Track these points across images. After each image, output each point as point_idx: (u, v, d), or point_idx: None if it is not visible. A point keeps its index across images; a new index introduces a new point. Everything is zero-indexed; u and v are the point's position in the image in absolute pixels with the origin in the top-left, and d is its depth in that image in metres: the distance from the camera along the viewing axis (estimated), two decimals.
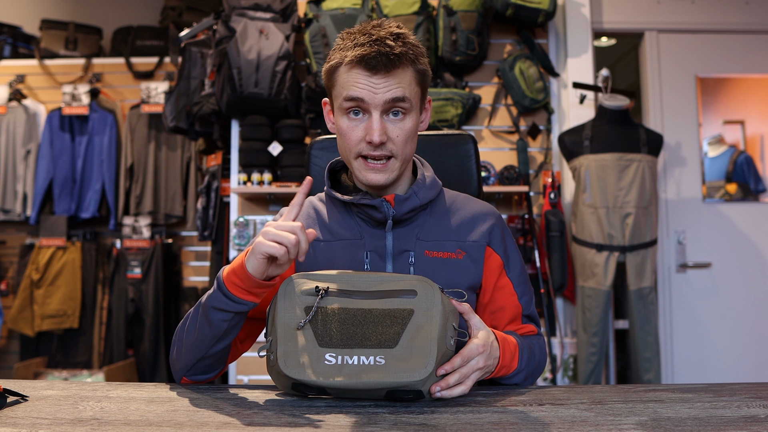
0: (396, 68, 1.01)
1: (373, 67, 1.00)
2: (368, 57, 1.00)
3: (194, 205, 3.64)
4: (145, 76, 3.86)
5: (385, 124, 1.03)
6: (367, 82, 1.01)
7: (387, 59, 1.00)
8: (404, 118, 1.04)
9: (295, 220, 0.92)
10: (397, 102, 1.02)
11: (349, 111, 1.04)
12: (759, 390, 0.92)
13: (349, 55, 1.01)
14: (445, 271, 1.08)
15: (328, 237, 1.12)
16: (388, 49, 1.00)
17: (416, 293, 0.89)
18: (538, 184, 2.92)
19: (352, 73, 1.02)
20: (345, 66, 1.03)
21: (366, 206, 1.08)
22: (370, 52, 1.00)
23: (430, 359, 0.85)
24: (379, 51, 0.99)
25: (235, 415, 0.81)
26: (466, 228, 1.13)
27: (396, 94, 1.01)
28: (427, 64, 1.08)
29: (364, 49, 1.00)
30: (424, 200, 1.10)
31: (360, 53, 1.00)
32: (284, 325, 0.88)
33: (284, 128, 2.76)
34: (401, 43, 1.02)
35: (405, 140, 1.05)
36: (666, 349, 2.99)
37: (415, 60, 1.04)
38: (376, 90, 1.01)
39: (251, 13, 2.78)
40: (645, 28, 3.15)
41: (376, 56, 0.99)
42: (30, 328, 3.57)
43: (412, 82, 1.04)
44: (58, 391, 0.94)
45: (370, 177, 1.06)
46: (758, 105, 3.19)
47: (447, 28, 2.75)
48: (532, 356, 1.08)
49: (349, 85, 1.02)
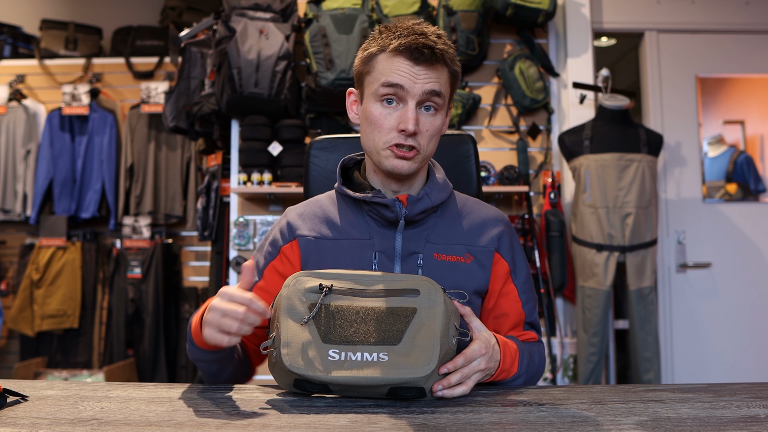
0: (437, 63, 1.03)
1: (417, 57, 1.01)
2: (414, 47, 1.01)
3: (194, 205, 3.64)
4: (145, 76, 3.86)
5: (418, 115, 1.04)
6: (409, 70, 1.02)
7: (431, 52, 1.01)
8: (436, 114, 1.06)
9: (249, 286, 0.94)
10: (433, 96, 1.03)
11: (383, 98, 1.04)
12: (759, 390, 0.92)
13: (393, 44, 1.03)
14: (453, 274, 1.08)
15: (336, 235, 1.11)
16: (433, 44, 1.02)
17: (419, 292, 0.91)
18: (538, 184, 2.92)
19: (395, 60, 1.03)
20: (387, 53, 1.04)
21: (378, 204, 1.08)
22: (416, 43, 1.01)
23: (432, 356, 0.85)
24: (424, 43, 1.01)
25: (235, 415, 0.81)
26: (476, 232, 1.13)
27: (435, 87, 1.03)
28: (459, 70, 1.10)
29: (410, 39, 1.02)
30: (436, 202, 1.10)
31: (406, 42, 1.02)
32: (288, 321, 0.89)
33: (284, 128, 2.76)
34: (443, 42, 1.04)
35: (431, 136, 1.06)
36: (666, 349, 2.99)
37: (452, 61, 1.06)
38: (416, 79, 1.02)
39: (251, 13, 2.78)
40: (645, 28, 3.15)
41: (422, 47, 1.01)
42: (30, 328, 3.57)
43: (447, 81, 1.06)
44: (58, 391, 0.94)
45: (396, 163, 1.05)
46: (758, 105, 3.19)
47: (447, 28, 2.75)
48: (531, 362, 1.09)
49: (389, 71, 1.03)
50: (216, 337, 0.89)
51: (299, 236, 1.12)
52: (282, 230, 1.15)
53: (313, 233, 1.12)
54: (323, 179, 1.37)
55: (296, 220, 1.14)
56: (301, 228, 1.13)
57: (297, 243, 1.12)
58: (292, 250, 1.12)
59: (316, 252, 1.10)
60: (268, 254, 1.15)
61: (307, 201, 1.20)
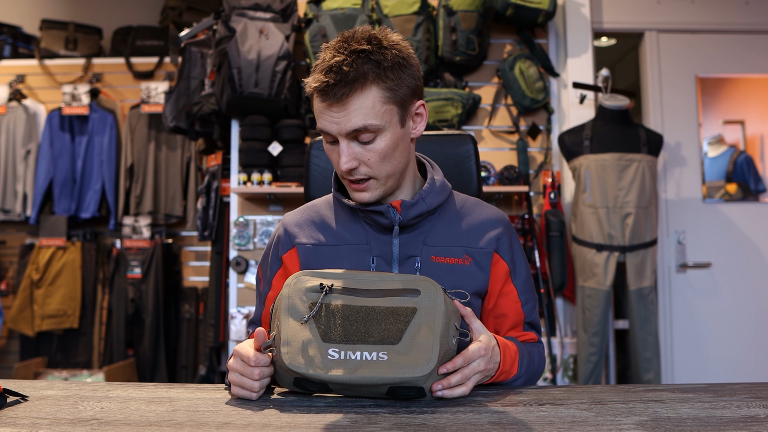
0: (351, 95, 0.96)
1: (328, 98, 0.97)
2: (322, 89, 0.97)
3: (194, 205, 3.64)
4: (145, 76, 3.86)
5: (353, 149, 1.01)
6: (327, 114, 0.99)
7: (339, 89, 0.96)
8: (374, 140, 1.00)
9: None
10: (359, 132, 0.99)
11: (324, 136, 1.05)
12: (759, 390, 0.92)
13: (311, 83, 0.99)
14: (451, 276, 1.08)
15: (334, 241, 1.11)
16: (341, 76, 0.95)
17: (419, 292, 0.91)
18: (538, 184, 2.92)
19: (316, 102, 1.01)
20: (311, 93, 1.01)
21: (372, 212, 1.08)
22: (324, 83, 0.96)
23: (432, 356, 0.86)
24: (331, 80, 0.96)
25: (235, 415, 0.81)
26: (475, 234, 1.12)
27: (355, 125, 0.98)
28: (408, 71, 1.02)
29: (320, 77, 0.97)
30: (432, 206, 1.09)
31: (315, 83, 0.98)
32: (288, 320, 0.89)
33: (284, 128, 2.76)
34: (363, 60, 0.97)
35: (379, 161, 1.02)
36: (666, 349, 2.99)
37: (379, 78, 0.97)
38: (335, 121, 0.99)
39: (251, 13, 2.78)
40: (645, 28, 3.15)
41: (326, 88, 0.96)
42: (30, 328, 3.57)
43: (376, 103, 0.98)
44: (58, 391, 0.94)
45: (355, 196, 1.07)
46: (758, 105, 3.19)
47: (447, 28, 2.75)
48: (531, 363, 1.09)
49: (317, 115, 1.02)
50: (243, 394, 0.92)
51: (297, 244, 1.13)
52: (280, 238, 1.16)
53: (311, 240, 1.13)
54: (324, 179, 1.37)
55: (293, 229, 1.15)
56: (299, 236, 1.14)
57: (296, 251, 1.13)
58: (292, 259, 1.13)
59: (315, 259, 1.11)
60: (272, 264, 1.16)
61: (304, 207, 1.20)
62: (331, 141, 1.03)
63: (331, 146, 1.04)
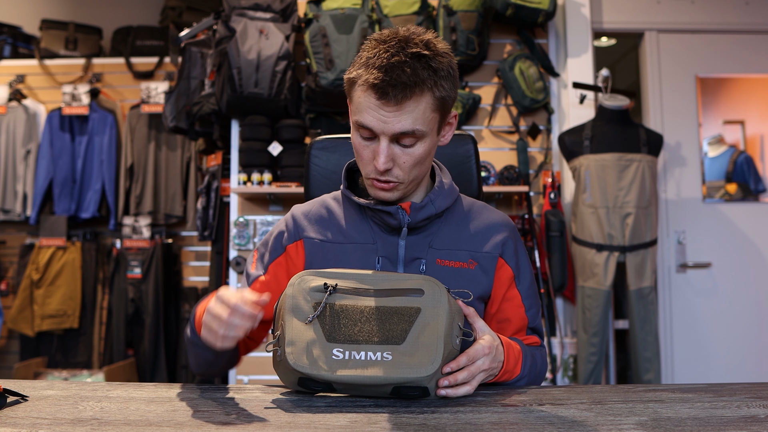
0: (409, 98, 0.96)
1: (384, 97, 0.95)
2: (380, 86, 0.95)
3: (194, 205, 3.64)
4: (145, 76, 3.86)
5: (393, 150, 1.00)
6: (377, 111, 0.97)
7: (400, 90, 0.94)
8: (415, 145, 1.01)
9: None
10: (405, 135, 0.99)
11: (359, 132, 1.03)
12: (759, 390, 0.92)
13: (364, 76, 0.97)
14: (455, 280, 1.08)
15: (341, 239, 1.11)
16: (405, 78, 0.94)
17: (423, 292, 0.91)
18: (538, 184, 2.92)
19: (366, 97, 0.98)
20: (361, 85, 0.98)
21: (381, 212, 1.08)
22: (383, 80, 0.94)
23: (436, 356, 0.86)
24: (392, 80, 0.94)
25: (235, 415, 0.81)
26: (480, 238, 1.12)
27: (405, 127, 0.97)
28: (453, 83, 1.02)
29: (379, 74, 0.95)
30: (440, 209, 1.09)
31: (374, 79, 0.95)
32: (292, 320, 0.89)
33: (284, 128, 2.76)
34: (423, 66, 0.96)
35: (413, 166, 1.02)
36: (666, 349, 2.99)
37: (435, 85, 0.97)
38: (385, 120, 0.97)
39: (251, 13, 2.78)
40: (645, 28, 3.15)
41: (388, 86, 0.94)
42: (30, 328, 3.57)
43: (427, 109, 0.98)
44: (58, 391, 0.94)
45: (378, 194, 1.06)
46: (758, 105, 3.19)
47: (447, 28, 2.75)
48: (534, 364, 1.09)
49: (361, 109, 0.99)
50: (208, 339, 0.92)
51: (305, 237, 1.12)
52: (288, 227, 1.15)
53: (319, 236, 1.12)
54: (324, 179, 1.37)
55: (302, 220, 1.14)
56: (308, 229, 1.13)
57: (302, 244, 1.12)
58: (297, 251, 1.12)
59: (321, 255, 1.10)
60: (273, 250, 1.14)
61: (313, 201, 1.19)
62: (368, 137, 1.01)
63: (366, 142, 1.02)
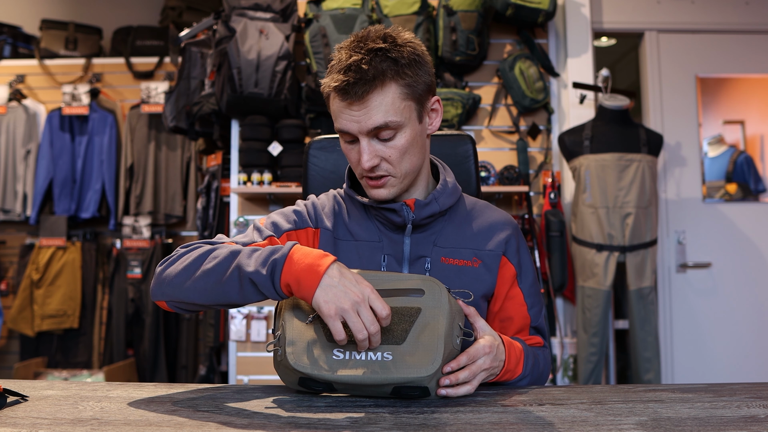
0: (370, 93, 0.97)
1: (348, 97, 0.97)
2: (341, 87, 0.97)
3: (194, 205, 3.64)
4: (145, 76, 3.86)
5: (374, 147, 1.02)
6: (347, 113, 0.99)
7: (360, 86, 0.96)
8: (395, 137, 1.02)
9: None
10: (380, 129, 1.00)
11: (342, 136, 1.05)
12: (759, 390, 0.92)
13: (330, 84, 1.00)
14: (459, 278, 1.08)
15: (347, 237, 1.12)
16: (362, 74, 0.96)
17: (423, 292, 0.91)
18: (538, 184, 2.92)
19: (334, 102, 1.01)
20: (329, 93, 1.02)
21: (385, 210, 1.08)
22: (343, 81, 0.97)
23: (437, 356, 0.86)
24: (351, 79, 0.96)
25: (235, 415, 0.81)
26: (484, 237, 1.13)
27: (377, 122, 0.99)
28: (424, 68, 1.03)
29: (339, 77, 0.97)
30: (444, 206, 1.10)
31: (335, 83, 0.98)
32: (293, 320, 0.90)
33: (284, 128, 2.76)
34: (381, 58, 0.97)
35: (399, 157, 1.03)
36: (666, 349, 2.99)
37: (397, 74, 0.98)
38: (356, 120, 0.99)
39: (251, 13, 2.78)
40: (645, 28, 3.15)
41: (348, 85, 0.96)
42: (30, 328, 3.57)
43: (396, 100, 0.99)
44: (58, 391, 0.94)
45: (373, 193, 1.07)
46: (758, 105, 3.19)
47: (447, 28, 2.75)
48: (536, 364, 1.08)
49: (335, 116, 1.02)
50: (363, 344, 0.84)
51: (323, 228, 1.13)
52: (309, 211, 1.14)
53: (333, 231, 1.13)
54: (322, 179, 1.37)
55: (322, 212, 1.15)
56: (326, 222, 1.14)
57: (320, 234, 1.13)
58: (315, 238, 1.12)
59: (332, 249, 1.11)
60: (293, 221, 1.12)
61: (326, 195, 1.20)
62: (350, 140, 1.04)
63: (350, 146, 1.05)
